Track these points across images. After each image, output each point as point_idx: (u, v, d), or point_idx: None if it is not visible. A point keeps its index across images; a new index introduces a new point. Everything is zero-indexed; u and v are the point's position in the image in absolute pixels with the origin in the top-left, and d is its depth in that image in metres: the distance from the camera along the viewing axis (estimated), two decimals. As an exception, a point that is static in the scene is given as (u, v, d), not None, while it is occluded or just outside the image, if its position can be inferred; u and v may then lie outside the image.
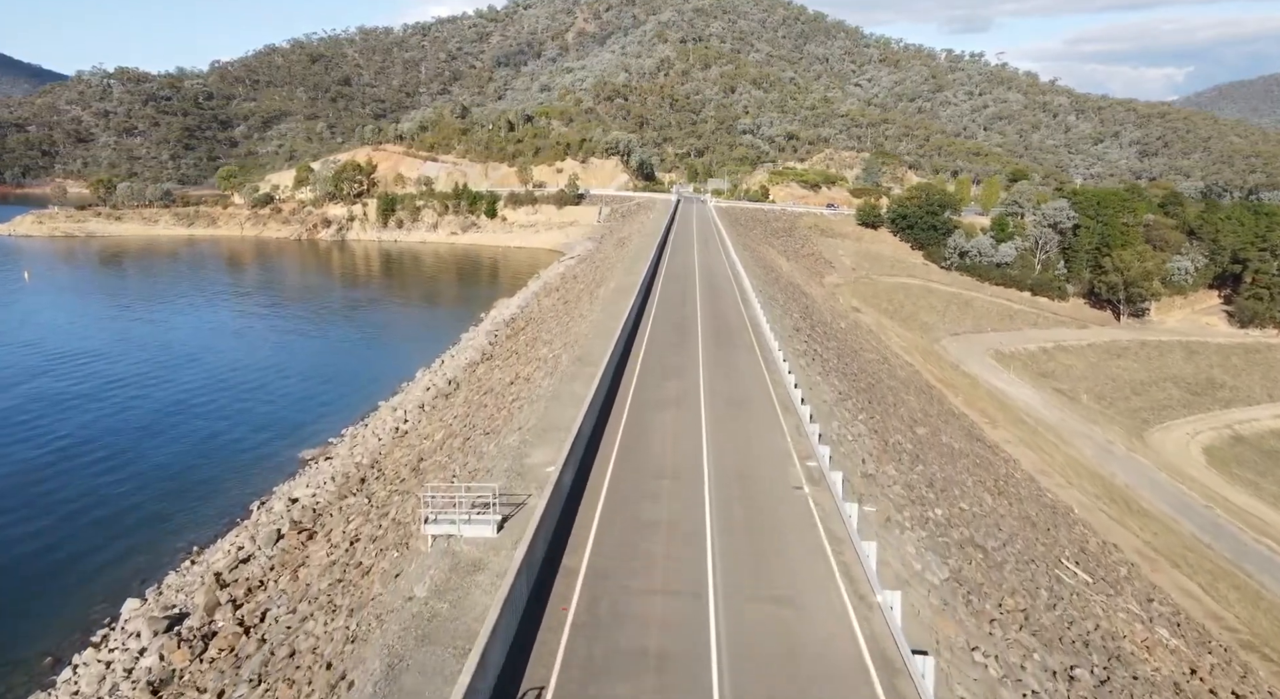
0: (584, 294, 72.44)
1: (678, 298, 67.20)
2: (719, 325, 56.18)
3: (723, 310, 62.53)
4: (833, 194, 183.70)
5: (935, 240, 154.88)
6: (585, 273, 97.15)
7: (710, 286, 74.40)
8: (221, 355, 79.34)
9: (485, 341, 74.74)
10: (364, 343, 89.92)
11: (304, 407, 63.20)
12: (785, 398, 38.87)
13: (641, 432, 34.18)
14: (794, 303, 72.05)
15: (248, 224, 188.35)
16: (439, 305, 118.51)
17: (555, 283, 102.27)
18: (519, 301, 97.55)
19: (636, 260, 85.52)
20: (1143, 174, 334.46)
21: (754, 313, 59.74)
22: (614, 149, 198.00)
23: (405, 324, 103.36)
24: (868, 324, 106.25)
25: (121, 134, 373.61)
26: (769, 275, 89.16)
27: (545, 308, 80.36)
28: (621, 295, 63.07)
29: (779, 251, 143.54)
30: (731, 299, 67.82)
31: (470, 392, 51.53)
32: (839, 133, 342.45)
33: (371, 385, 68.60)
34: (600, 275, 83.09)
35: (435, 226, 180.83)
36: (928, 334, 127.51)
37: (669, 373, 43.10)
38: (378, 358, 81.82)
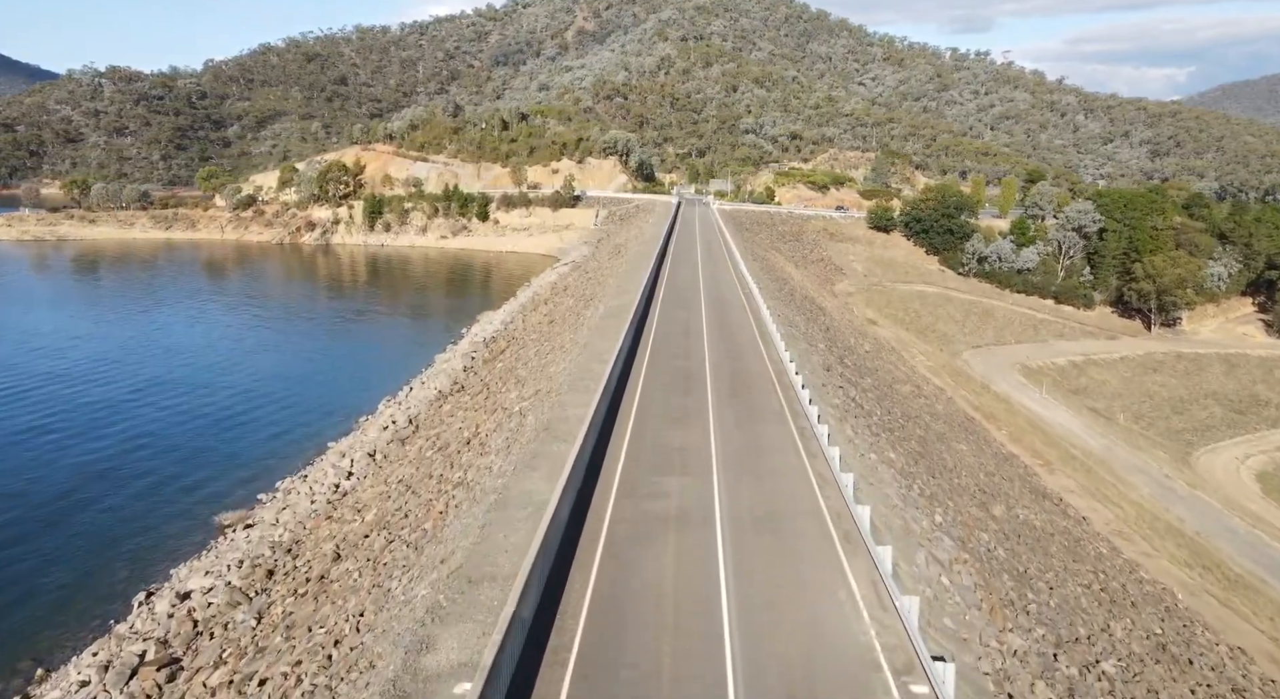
0: (570, 315, 62.67)
1: (680, 329, 54.30)
2: (736, 375, 43.03)
3: (738, 349, 49.52)
4: (841, 196, 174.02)
5: (952, 245, 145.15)
6: (576, 284, 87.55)
7: (720, 314, 60.82)
8: (170, 376, 69.74)
9: (460, 365, 65.19)
10: (335, 361, 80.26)
11: (246, 444, 53.62)
12: (839, 508, 25.59)
13: (623, 592, 20.50)
14: (815, 326, 61.82)
15: (228, 227, 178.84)
16: (422, 317, 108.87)
17: (544, 294, 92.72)
18: (503, 316, 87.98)
19: (632, 274, 74.49)
20: (1155, 174, 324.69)
21: (776, 352, 47.33)
22: (612, 149, 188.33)
23: (383, 339, 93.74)
24: (888, 340, 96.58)
25: (112, 134, 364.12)
26: (783, 290, 78.99)
27: (530, 326, 70.79)
28: (611, 323, 51.79)
29: (787, 258, 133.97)
30: (748, 334, 53.79)
31: (425, 442, 41.94)
32: (843, 132, 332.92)
33: (329, 417, 59.01)
34: (591, 289, 73.18)
35: (424, 230, 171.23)
36: (947, 347, 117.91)
37: (668, 461, 30.12)
38: (346, 380, 72.24)
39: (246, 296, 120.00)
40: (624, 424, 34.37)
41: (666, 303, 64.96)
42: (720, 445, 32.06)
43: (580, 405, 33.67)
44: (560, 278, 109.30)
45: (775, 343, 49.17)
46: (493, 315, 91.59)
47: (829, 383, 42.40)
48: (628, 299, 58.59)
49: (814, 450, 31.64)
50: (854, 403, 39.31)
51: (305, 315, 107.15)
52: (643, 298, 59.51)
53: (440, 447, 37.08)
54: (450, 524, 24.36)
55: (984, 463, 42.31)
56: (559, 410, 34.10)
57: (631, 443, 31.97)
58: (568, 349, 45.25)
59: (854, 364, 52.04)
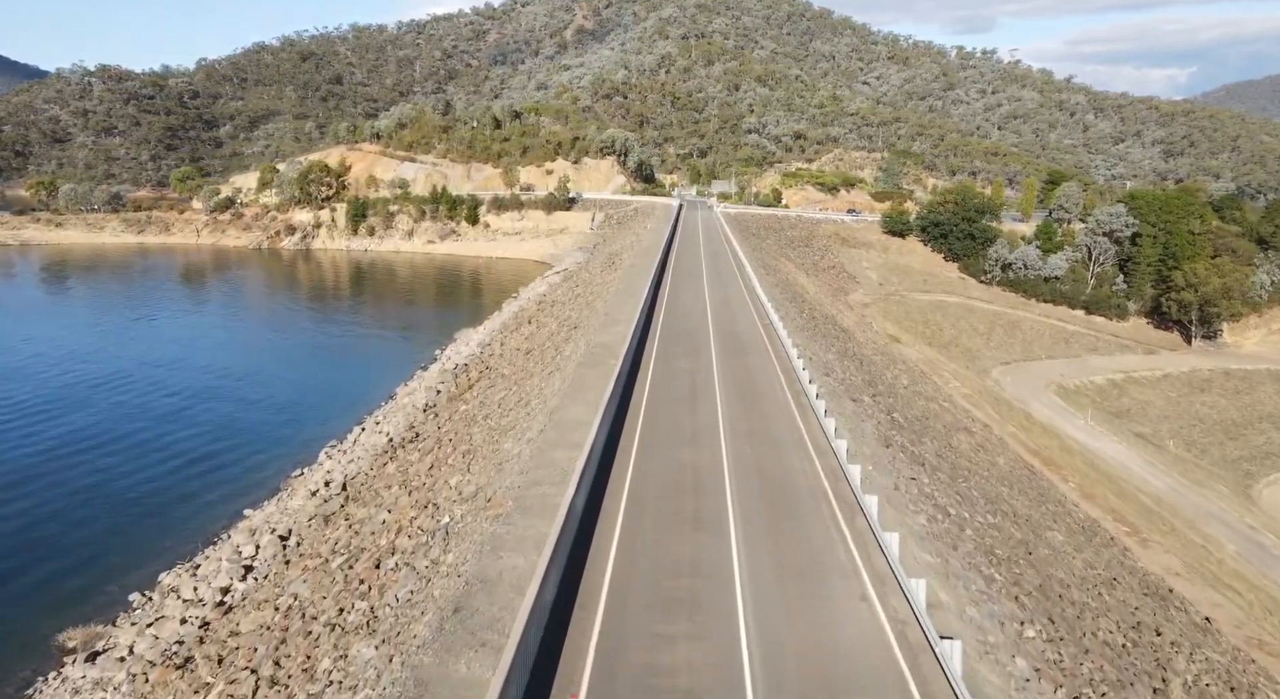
0: (549, 346, 51.75)
1: (682, 390, 39.02)
2: (771, 487, 28.22)
3: (766, 428, 34.16)
4: (852, 198, 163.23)
5: (973, 251, 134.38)
6: (564, 299, 76.87)
7: (736, 364, 45.06)
8: (69, 417, 58.97)
9: (422, 402, 54.57)
10: (295, 386, 69.24)
11: (141, 515, 42.82)
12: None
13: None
14: (849, 363, 49.90)
15: (204, 231, 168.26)
16: (400, 331, 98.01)
17: (530, 310, 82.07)
18: (482, 335, 77.33)
19: (625, 296, 63.00)
20: (1168, 175, 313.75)
21: (821, 432, 33.30)
22: (610, 148, 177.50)
23: (354, 359, 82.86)
24: (917, 363, 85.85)
25: (100, 134, 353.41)
26: (805, 315, 66.98)
27: (507, 351, 60.14)
28: (591, 375, 38.98)
29: (798, 266, 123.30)
30: (777, 400, 38.17)
31: (349, 528, 31.30)
32: (849, 132, 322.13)
33: (254, 473, 48.37)
34: (576, 313, 62.17)
35: (410, 234, 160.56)
36: (974, 364, 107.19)
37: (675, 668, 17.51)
38: (303, 409, 61.50)
39: (208, 308, 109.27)
40: (587, 616, 19.29)
41: (665, 341, 50.29)
42: (760, 669, 17.38)
43: (524, 549, 21.51)
44: (550, 290, 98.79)
45: (817, 412, 35.23)
46: (472, 334, 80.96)
47: (895, 467, 30.18)
48: (616, 333, 46.97)
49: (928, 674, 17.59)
50: (932, 504, 27.90)
51: (271, 329, 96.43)
52: (635, 333, 47.35)
53: (351, 557, 26.36)
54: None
55: (1088, 558, 31.60)
56: (493, 557, 21.47)
57: (598, 668, 17.37)
58: (533, 412, 34.11)
59: (907, 419, 40.59)
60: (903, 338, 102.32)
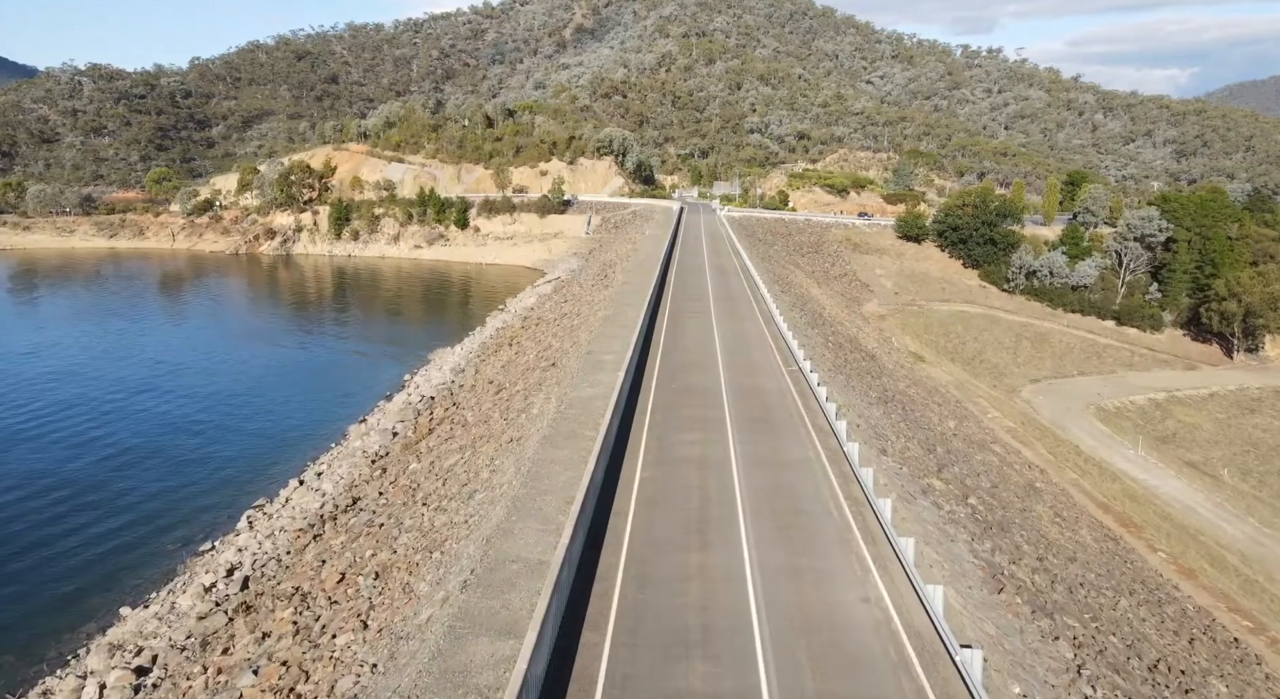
0: (522, 387, 42.22)
1: (689, 512, 25.60)
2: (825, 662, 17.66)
3: (809, 548, 23.24)
4: (863, 201, 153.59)
5: (994, 257, 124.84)
6: (551, 316, 67.39)
7: (764, 449, 31.62)
8: None
9: (374, 448, 45.14)
10: (234, 421, 59.78)
11: (54, 582, 33.55)
12: None
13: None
14: (895, 414, 40.23)
15: (180, 235, 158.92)
16: (374, 347, 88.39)
17: (513, 328, 72.64)
18: (459, 358, 67.88)
19: (615, 326, 50.89)
20: (1181, 175, 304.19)
21: (909, 598, 20.55)
22: (607, 148, 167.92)
23: (312, 386, 73.22)
24: (945, 385, 76.34)
25: (89, 134, 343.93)
26: (831, 343, 57.70)
27: (480, 383, 50.74)
28: (560, 456, 28.29)
29: (808, 274, 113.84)
30: (830, 526, 24.86)
31: (213, 675, 21.84)
32: (854, 132, 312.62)
33: (159, 543, 39.00)
34: (560, 341, 52.37)
35: (397, 238, 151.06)
36: (1001, 381, 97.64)
37: None
38: (228, 461, 52.07)
39: (170, 321, 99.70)
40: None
41: (663, 405, 36.52)
42: None
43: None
44: (539, 302, 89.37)
45: (900, 553, 22.20)
46: (448, 356, 71.51)
47: (1019, 630, 19.08)
48: (599, 387, 36.15)
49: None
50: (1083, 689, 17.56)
51: (235, 345, 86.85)
52: (623, 388, 35.57)
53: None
54: None
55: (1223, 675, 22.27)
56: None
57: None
58: (471, 524, 24.30)
59: (987, 505, 30.38)
60: (926, 355, 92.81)
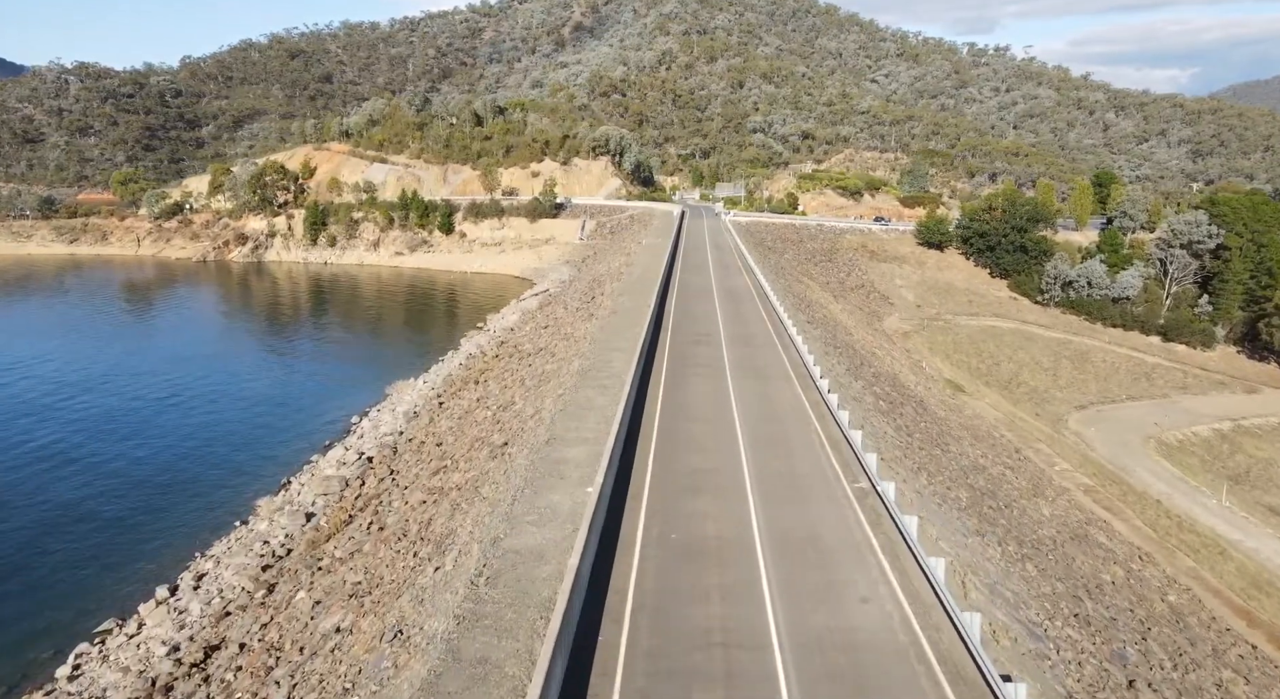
0: (474, 453, 30.50)
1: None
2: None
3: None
4: (879, 204, 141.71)
5: (1025, 266, 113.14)
6: (528, 343, 55.66)
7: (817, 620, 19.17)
8: None
9: (275, 544, 33.55)
10: (126, 496, 48.26)
11: None
12: None
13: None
14: (979, 512, 28.59)
15: (147, 240, 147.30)
16: (325, 379, 76.65)
17: (488, 355, 61.01)
18: (415, 398, 56.25)
19: (587, 394, 35.48)
20: (1198, 176, 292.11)
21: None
22: (603, 147, 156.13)
23: (237, 437, 61.47)
24: (994, 423, 64.62)
25: (74, 134, 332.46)
26: (884, 400, 44.90)
27: (430, 439, 39.15)
28: (498, 609, 17.74)
29: (822, 286, 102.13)
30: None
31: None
32: (860, 131, 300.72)
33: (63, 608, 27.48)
34: (526, 396, 40.59)
35: (376, 244, 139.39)
36: (1044, 408, 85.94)
37: None
38: (104, 550, 40.48)
39: (113, 340, 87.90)
40: None
41: (651, 590, 20.68)
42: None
43: None
44: (520, 321, 77.80)
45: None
46: (405, 393, 59.84)
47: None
48: (551, 523, 23.25)
49: None
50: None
51: (171, 375, 75.17)
52: (587, 545, 20.60)
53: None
54: None
55: None
56: None
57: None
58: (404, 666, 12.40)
59: (1153, 671, 18.40)
60: (961, 381, 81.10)
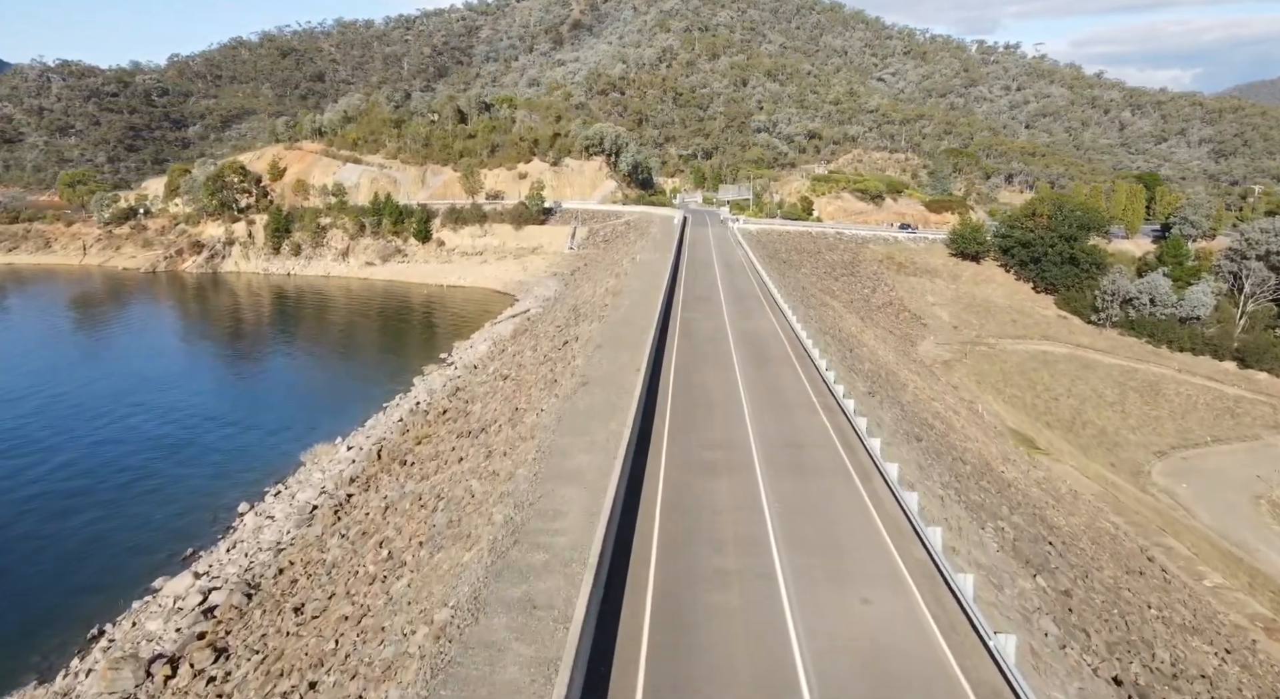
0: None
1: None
2: None
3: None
4: (902, 209, 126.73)
5: (1075, 280, 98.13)
6: (484, 391, 40.77)
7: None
8: None
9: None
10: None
11: None
12: None
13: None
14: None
15: (95, 248, 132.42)
16: (252, 426, 61.61)
17: (435, 411, 46.07)
18: (332, 474, 41.36)
19: (532, 557, 20.71)
20: (1221, 177, 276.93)
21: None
22: (597, 146, 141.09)
23: (90, 531, 46.77)
24: (1092, 501, 49.58)
25: (54, 133, 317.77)
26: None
27: (323, 562, 24.18)
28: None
29: (845, 304, 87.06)
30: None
31: None
32: (868, 131, 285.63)
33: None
34: (462, 504, 25.57)
35: (345, 253, 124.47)
36: (1117, 455, 70.98)
37: None
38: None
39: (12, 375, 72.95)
40: None
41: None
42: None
43: None
44: (489, 354, 62.95)
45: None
46: (328, 457, 44.93)
47: None
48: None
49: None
50: None
51: (73, 430, 60.27)
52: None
53: None
54: None
55: None
56: None
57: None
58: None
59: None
60: (1029, 429, 66.14)
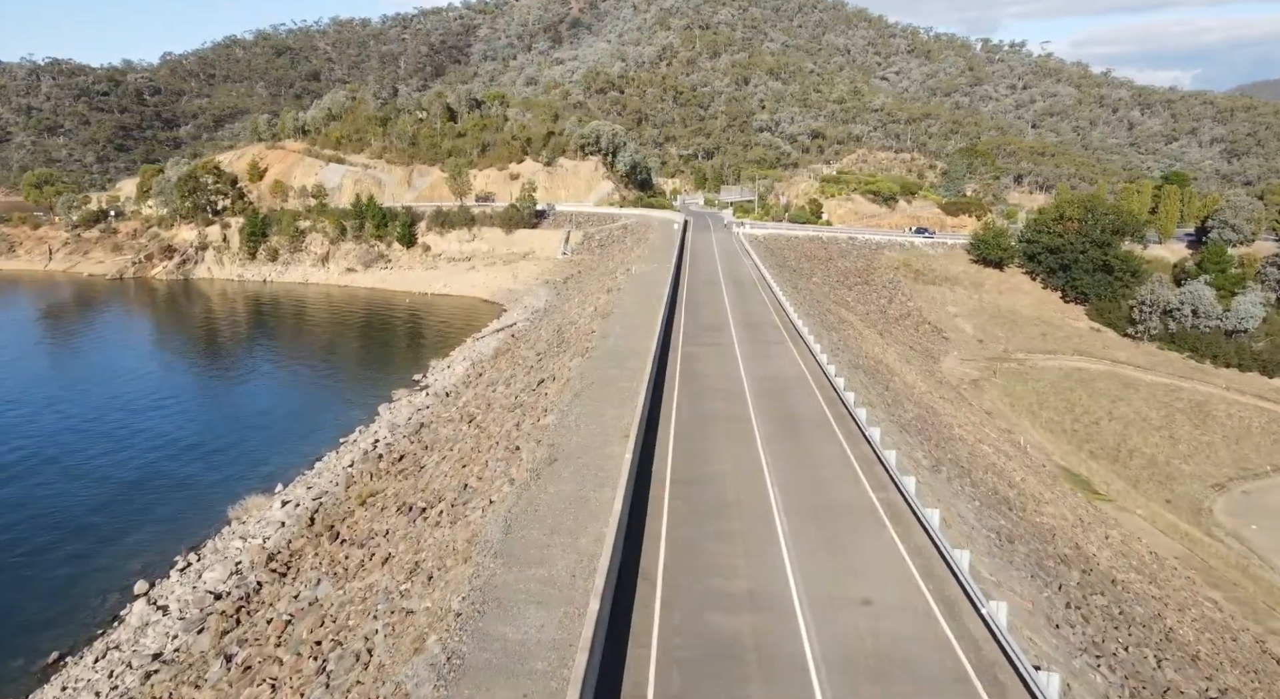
0: None
1: None
2: None
3: None
4: (917, 212, 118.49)
5: (1109, 289, 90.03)
6: (433, 459, 32.62)
7: None
8: None
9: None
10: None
11: None
12: None
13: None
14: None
15: (61, 252, 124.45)
16: (192, 465, 53.63)
17: (379, 470, 38.05)
18: (247, 549, 33.26)
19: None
20: (1235, 177, 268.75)
21: None
22: (593, 145, 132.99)
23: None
24: (1174, 563, 41.51)
25: (42, 133, 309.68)
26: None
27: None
28: None
29: (862, 318, 78.95)
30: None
31: None
32: (873, 130, 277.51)
33: None
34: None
35: (325, 259, 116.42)
36: (1170, 487, 62.92)
37: None
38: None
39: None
40: None
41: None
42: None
43: None
44: (467, 375, 55.03)
45: None
46: (250, 514, 36.84)
47: None
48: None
49: None
50: None
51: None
52: None
53: None
54: None
55: None
56: None
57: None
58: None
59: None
60: (1081, 468, 58.07)
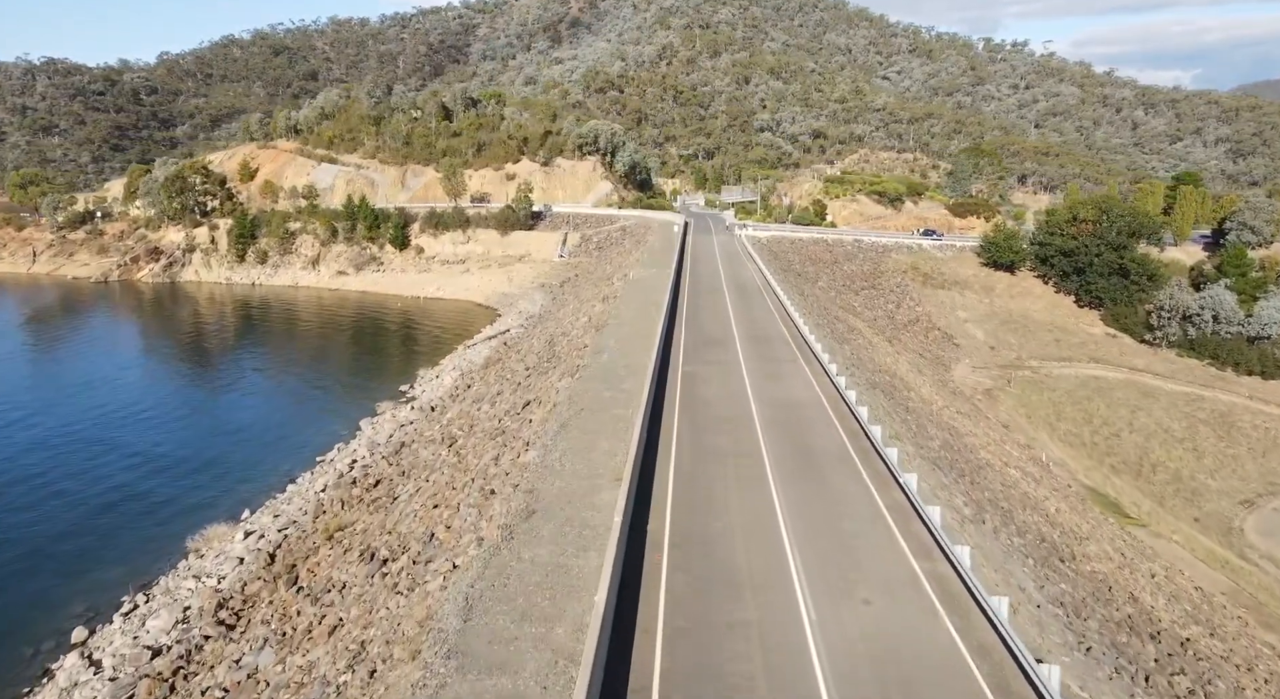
0: None
1: None
2: None
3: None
4: (924, 213, 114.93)
5: (1126, 294, 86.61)
6: (407, 492, 29.07)
7: None
8: None
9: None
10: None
11: None
12: None
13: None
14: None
15: (46, 255, 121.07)
16: (147, 495, 50.26)
17: (350, 498, 34.62)
18: (235, 559, 29.84)
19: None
20: (1241, 178, 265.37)
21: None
22: (591, 145, 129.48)
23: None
24: (1220, 601, 38.11)
25: (36, 133, 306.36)
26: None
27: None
28: None
29: (869, 324, 75.50)
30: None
31: None
32: (875, 130, 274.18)
33: None
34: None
35: (315, 262, 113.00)
36: (1198, 504, 59.51)
37: None
38: None
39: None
40: None
41: None
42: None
43: None
44: (455, 387, 51.67)
45: None
46: (216, 555, 33.41)
47: None
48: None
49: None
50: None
51: None
52: None
53: None
54: None
55: None
56: None
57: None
58: None
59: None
60: (1108, 487, 54.70)
